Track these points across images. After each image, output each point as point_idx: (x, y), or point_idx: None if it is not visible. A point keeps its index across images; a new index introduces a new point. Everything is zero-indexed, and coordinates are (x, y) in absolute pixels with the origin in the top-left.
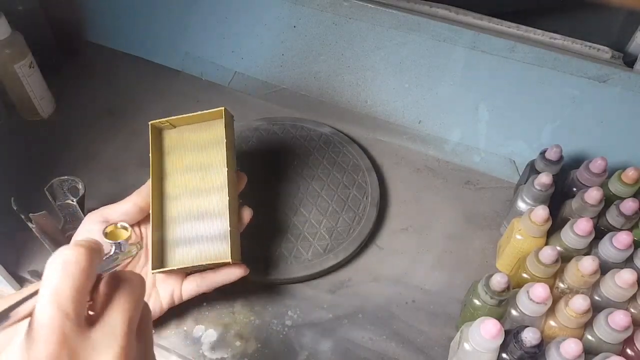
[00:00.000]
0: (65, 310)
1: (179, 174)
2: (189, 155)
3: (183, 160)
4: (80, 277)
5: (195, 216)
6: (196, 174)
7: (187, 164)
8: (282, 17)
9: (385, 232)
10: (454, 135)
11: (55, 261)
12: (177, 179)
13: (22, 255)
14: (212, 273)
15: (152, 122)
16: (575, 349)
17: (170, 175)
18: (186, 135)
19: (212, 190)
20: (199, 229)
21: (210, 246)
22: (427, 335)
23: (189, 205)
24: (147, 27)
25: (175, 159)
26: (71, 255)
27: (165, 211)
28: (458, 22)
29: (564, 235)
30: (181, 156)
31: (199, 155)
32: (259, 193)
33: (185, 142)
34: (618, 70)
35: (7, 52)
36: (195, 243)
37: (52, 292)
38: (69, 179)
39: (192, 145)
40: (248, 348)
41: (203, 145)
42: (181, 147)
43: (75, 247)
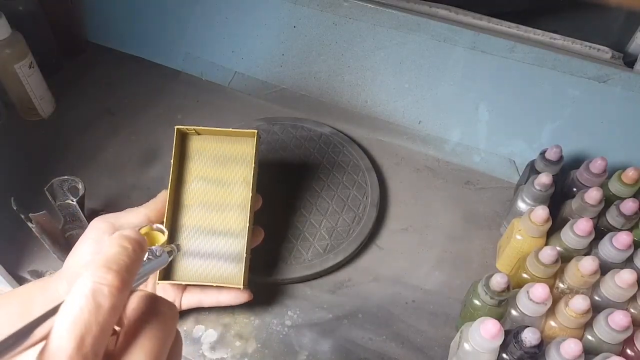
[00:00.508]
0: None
1: (197, 182)
2: (210, 166)
3: (203, 170)
4: (110, 312)
5: (210, 231)
6: (216, 187)
7: (208, 175)
8: (282, 17)
9: (385, 232)
10: (454, 135)
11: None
12: (195, 188)
13: (22, 255)
14: (215, 291)
15: (178, 127)
16: (575, 349)
17: (188, 182)
18: (211, 145)
19: (230, 207)
20: (212, 245)
21: (222, 266)
22: (427, 335)
23: (204, 218)
24: (147, 27)
25: (195, 166)
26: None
27: (178, 219)
28: (458, 22)
29: (564, 236)
30: (202, 165)
31: (221, 169)
32: (259, 193)
33: (208, 152)
34: (618, 70)
35: (7, 52)
36: (206, 258)
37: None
38: (69, 178)
39: (216, 157)
40: (248, 348)
41: (227, 159)
42: (204, 156)
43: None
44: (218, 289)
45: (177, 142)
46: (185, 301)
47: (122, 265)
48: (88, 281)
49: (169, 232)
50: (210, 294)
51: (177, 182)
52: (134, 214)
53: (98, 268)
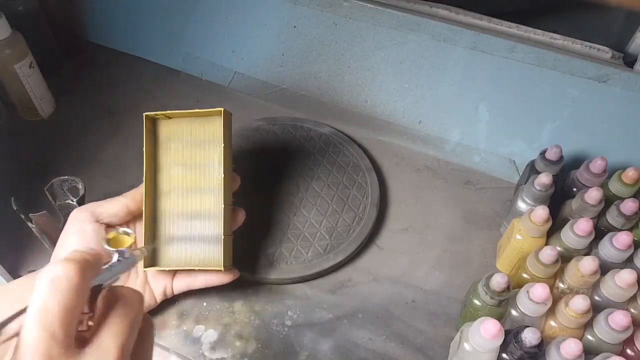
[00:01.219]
0: (52, 331)
1: (173, 168)
2: (184, 150)
3: (178, 155)
4: (70, 295)
5: (189, 215)
6: (191, 171)
7: (182, 159)
8: (282, 17)
9: (385, 232)
10: (454, 135)
11: (44, 277)
12: (171, 174)
13: (22, 255)
14: (203, 274)
15: (146, 114)
16: (575, 349)
17: (164, 169)
18: (182, 128)
19: (207, 190)
20: (192, 229)
21: (203, 248)
22: (427, 335)
23: (183, 202)
24: (147, 27)
25: (169, 152)
26: (61, 271)
27: (157, 206)
28: (458, 22)
29: (564, 236)
30: (176, 150)
31: (195, 152)
32: (259, 193)
33: (181, 136)
34: (618, 70)
35: (7, 52)
36: (187, 242)
37: (38, 311)
38: (69, 178)
39: (188, 140)
40: (248, 348)
41: (200, 141)
42: (176, 140)
43: (66, 261)
44: (205, 273)
45: (148, 128)
46: (175, 286)
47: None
48: (48, 273)
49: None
50: (198, 277)
51: (153, 170)
52: (113, 203)
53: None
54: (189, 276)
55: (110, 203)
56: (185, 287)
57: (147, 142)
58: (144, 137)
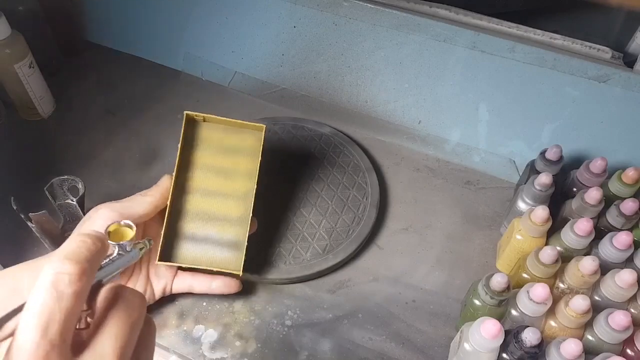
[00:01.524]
0: (50, 336)
1: (202, 169)
2: (216, 155)
3: (209, 158)
4: (71, 299)
5: (209, 217)
6: (219, 176)
7: (213, 163)
8: (282, 17)
9: (385, 232)
10: (454, 135)
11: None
12: (200, 175)
13: (22, 255)
14: (207, 278)
15: (187, 112)
16: (575, 349)
17: (193, 168)
18: (218, 135)
19: (233, 196)
20: (212, 231)
21: (220, 251)
22: (427, 335)
23: (206, 204)
24: (147, 27)
25: (201, 154)
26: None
27: (180, 204)
28: (458, 22)
29: (564, 235)
30: (208, 153)
31: (226, 159)
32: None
33: (215, 141)
34: (618, 70)
35: (7, 52)
36: (204, 244)
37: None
38: (69, 178)
39: (222, 146)
40: (248, 348)
41: (232, 149)
42: (211, 144)
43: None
44: (210, 276)
45: (185, 127)
46: (176, 285)
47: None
48: (49, 273)
49: (173, 217)
50: (202, 280)
51: (181, 168)
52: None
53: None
54: (192, 278)
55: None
56: (186, 288)
57: (183, 139)
58: (182, 134)
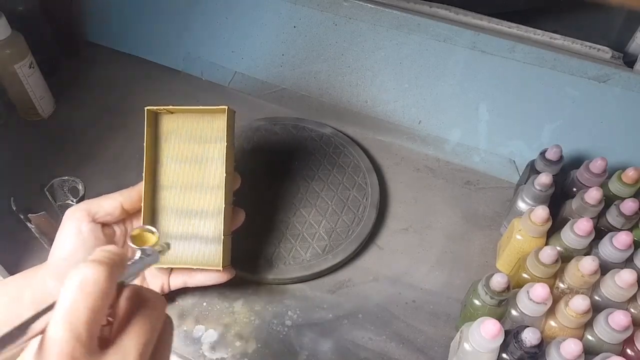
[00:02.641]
0: (77, 333)
1: (173, 163)
2: (185, 146)
3: (179, 150)
4: (98, 298)
5: (188, 212)
6: (192, 167)
7: (183, 155)
8: (282, 17)
9: (385, 232)
10: (454, 135)
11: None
12: (172, 169)
13: (22, 255)
14: (200, 273)
15: (148, 107)
16: (575, 349)
17: (164, 163)
18: (184, 124)
19: (207, 188)
20: (191, 227)
21: (202, 247)
22: (427, 335)
23: (182, 199)
24: (147, 27)
25: (170, 146)
26: (90, 274)
27: (156, 201)
28: (458, 22)
29: (564, 235)
30: (177, 145)
31: (196, 148)
32: (259, 193)
33: (182, 131)
34: (618, 70)
35: (7, 52)
36: (186, 240)
37: (65, 312)
38: (69, 179)
39: (191, 135)
40: (248, 348)
41: (202, 138)
42: (178, 135)
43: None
44: (202, 272)
45: (149, 122)
46: (172, 283)
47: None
48: (77, 275)
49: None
50: (195, 276)
51: (153, 164)
52: (108, 200)
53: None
54: (185, 274)
55: (106, 201)
56: (182, 284)
57: (148, 135)
58: (145, 131)
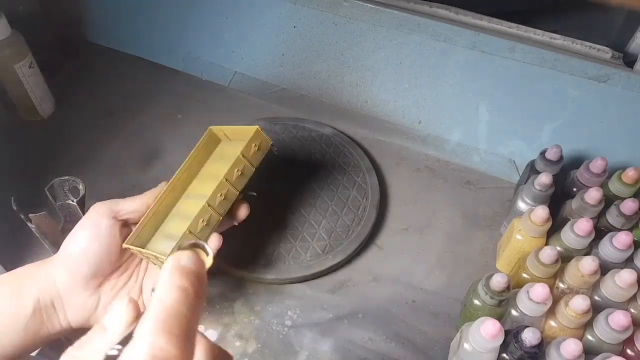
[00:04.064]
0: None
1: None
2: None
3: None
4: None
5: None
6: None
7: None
8: (282, 17)
9: (385, 232)
10: (454, 135)
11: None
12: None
13: (22, 255)
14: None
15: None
16: (575, 349)
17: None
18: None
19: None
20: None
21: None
22: (427, 335)
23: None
24: (147, 27)
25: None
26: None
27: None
28: (458, 22)
29: (564, 235)
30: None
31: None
32: (259, 193)
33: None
34: (618, 70)
35: (7, 52)
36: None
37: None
38: (69, 179)
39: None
40: (248, 348)
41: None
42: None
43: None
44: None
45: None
46: None
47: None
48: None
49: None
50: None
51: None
52: (133, 200)
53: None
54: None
55: (131, 200)
56: None
57: (200, 149)
58: (198, 146)
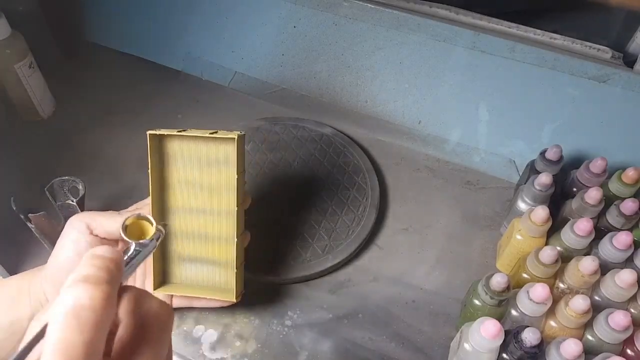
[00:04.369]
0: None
1: (182, 187)
2: (192, 170)
3: (187, 173)
4: (96, 328)
5: (199, 236)
6: (202, 192)
7: (191, 179)
8: (282, 17)
9: (385, 232)
10: (454, 135)
11: (63, 305)
12: (180, 193)
13: (22, 255)
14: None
15: (150, 132)
16: (575, 349)
17: (171, 187)
18: (192, 147)
19: (218, 212)
20: (202, 251)
21: (213, 273)
22: (427, 335)
23: (192, 222)
24: (147, 27)
25: (177, 170)
26: (85, 300)
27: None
28: (458, 22)
29: (564, 235)
30: (184, 168)
31: (204, 172)
32: (259, 193)
33: (191, 154)
34: (618, 70)
35: (7, 52)
36: (197, 264)
37: (58, 350)
38: (69, 179)
39: (199, 159)
40: (248, 348)
41: (209, 162)
42: (185, 158)
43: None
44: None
45: (153, 145)
46: (175, 302)
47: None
48: (67, 299)
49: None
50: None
51: (160, 186)
52: (110, 220)
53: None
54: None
55: (108, 219)
56: (187, 304)
57: (152, 159)
58: (149, 155)
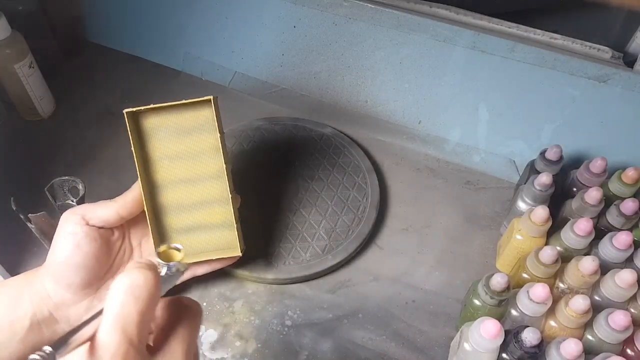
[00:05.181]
0: (130, 336)
1: (166, 161)
2: (174, 142)
3: (168, 147)
4: (147, 301)
5: (191, 205)
6: (185, 161)
7: (174, 151)
8: (282, 17)
9: (385, 232)
10: (454, 135)
11: (122, 283)
12: (166, 167)
13: (22, 256)
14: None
15: (126, 110)
16: (575, 349)
17: (156, 162)
18: (169, 120)
19: (205, 178)
20: (198, 218)
21: (214, 235)
22: (427, 335)
23: (183, 193)
24: (147, 27)
25: (159, 144)
26: (138, 279)
27: (156, 200)
28: (458, 22)
29: (564, 235)
30: (165, 142)
31: (185, 141)
32: (259, 193)
33: (168, 127)
34: (618, 70)
35: (7, 52)
36: (196, 232)
37: (117, 316)
38: (69, 179)
39: (177, 130)
40: (248, 348)
41: (188, 130)
42: (164, 131)
43: (142, 269)
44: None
45: (131, 125)
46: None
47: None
48: (125, 279)
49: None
50: (202, 263)
51: (144, 165)
52: (104, 208)
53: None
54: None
55: (102, 207)
56: (190, 275)
57: (134, 138)
58: (129, 134)
